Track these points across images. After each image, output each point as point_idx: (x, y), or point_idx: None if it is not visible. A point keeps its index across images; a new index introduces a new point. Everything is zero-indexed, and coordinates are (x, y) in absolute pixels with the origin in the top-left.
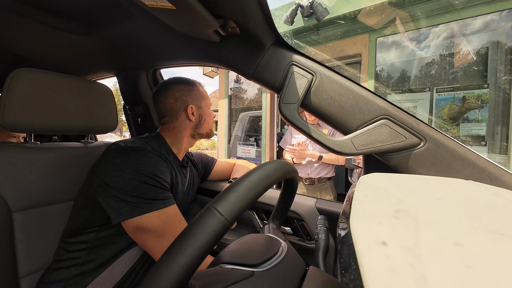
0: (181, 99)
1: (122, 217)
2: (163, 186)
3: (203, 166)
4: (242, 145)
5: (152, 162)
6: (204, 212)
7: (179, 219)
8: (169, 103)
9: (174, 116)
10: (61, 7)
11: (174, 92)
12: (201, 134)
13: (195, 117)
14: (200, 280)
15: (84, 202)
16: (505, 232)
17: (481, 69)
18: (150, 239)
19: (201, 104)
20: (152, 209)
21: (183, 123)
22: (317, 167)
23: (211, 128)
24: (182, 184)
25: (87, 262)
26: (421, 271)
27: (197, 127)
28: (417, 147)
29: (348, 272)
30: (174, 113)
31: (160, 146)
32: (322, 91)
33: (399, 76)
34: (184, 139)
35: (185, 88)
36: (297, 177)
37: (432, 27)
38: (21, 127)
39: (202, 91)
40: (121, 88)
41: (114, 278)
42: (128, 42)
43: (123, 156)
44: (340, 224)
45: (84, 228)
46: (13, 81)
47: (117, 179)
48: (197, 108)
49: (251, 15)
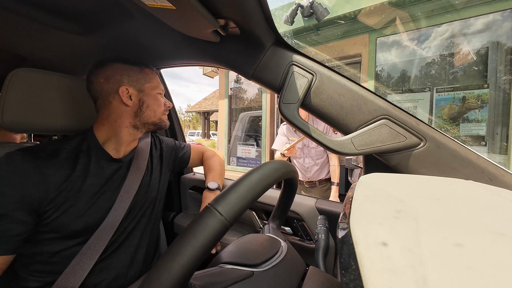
0: (114, 79)
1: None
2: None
3: (172, 155)
4: (242, 145)
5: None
6: (204, 212)
7: None
8: (99, 83)
9: (106, 100)
10: (61, 7)
11: (106, 70)
12: (146, 124)
13: (133, 102)
14: (200, 280)
15: None
16: (505, 233)
17: (481, 69)
18: None
19: (143, 87)
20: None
21: (117, 109)
22: (317, 170)
23: (160, 117)
24: (106, 185)
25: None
26: (422, 272)
27: (138, 115)
28: (417, 147)
29: (348, 272)
30: (106, 96)
31: (81, 142)
32: (322, 91)
33: (399, 76)
34: (122, 130)
35: (122, 66)
36: (297, 177)
37: (432, 27)
38: (21, 127)
39: (148, 73)
40: None
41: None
42: (128, 42)
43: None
44: (340, 224)
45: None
46: (12, 81)
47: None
48: (137, 91)
49: (251, 15)
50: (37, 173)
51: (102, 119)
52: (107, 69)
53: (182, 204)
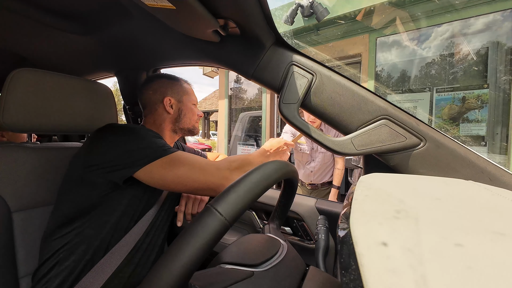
0: (159, 91)
1: (147, 160)
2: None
3: None
4: (242, 145)
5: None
6: (204, 212)
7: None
8: (148, 94)
9: (152, 108)
10: (61, 7)
11: (154, 84)
12: (182, 129)
13: (174, 110)
14: (200, 280)
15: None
16: (506, 233)
17: (481, 69)
18: (183, 171)
19: (182, 98)
20: (172, 150)
21: (161, 115)
22: (321, 174)
23: (193, 124)
24: None
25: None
26: (422, 272)
27: (177, 121)
28: (417, 147)
29: (348, 272)
30: (153, 105)
31: None
32: (322, 91)
33: (399, 76)
34: (165, 133)
35: (166, 81)
36: (297, 177)
37: (432, 27)
38: (21, 127)
39: (185, 87)
40: (121, 88)
41: (113, 264)
42: (128, 42)
43: (123, 130)
44: (340, 224)
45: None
46: (12, 81)
47: (123, 138)
48: (177, 101)
49: (251, 15)
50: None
51: (149, 124)
52: (155, 83)
53: None
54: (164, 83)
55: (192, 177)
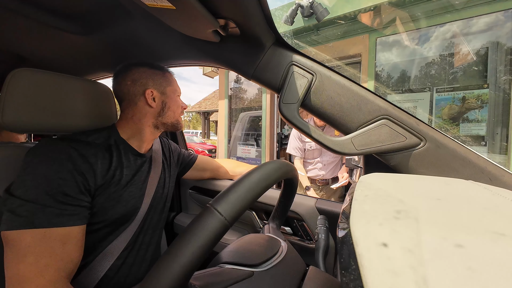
0: (139, 82)
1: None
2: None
3: (179, 160)
4: (242, 145)
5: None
6: (204, 212)
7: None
8: (126, 86)
9: (132, 101)
10: (61, 7)
11: (133, 73)
12: (165, 124)
13: (157, 104)
14: (200, 280)
15: None
16: (506, 233)
17: (481, 69)
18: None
19: (165, 90)
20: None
21: (142, 109)
22: (332, 168)
23: (177, 118)
24: (136, 176)
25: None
26: (422, 273)
27: (160, 115)
28: (417, 147)
29: (348, 272)
30: (132, 97)
31: (108, 137)
32: (322, 91)
33: (399, 76)
34: (145, 129)
35: (147, 70)
36: (297, 176)
37: (432, 27)
38: (21, 127)
39: (168, 77)
40: None
41: (105, 265)
42: (128, 42)
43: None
44: (340, 224)
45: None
46: (12, 81)
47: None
48: (160, 94)
49: (251, 15)
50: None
51: (127, 118)
52: (133, 72)
53: (182, 204)
54: (144, 72)
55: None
